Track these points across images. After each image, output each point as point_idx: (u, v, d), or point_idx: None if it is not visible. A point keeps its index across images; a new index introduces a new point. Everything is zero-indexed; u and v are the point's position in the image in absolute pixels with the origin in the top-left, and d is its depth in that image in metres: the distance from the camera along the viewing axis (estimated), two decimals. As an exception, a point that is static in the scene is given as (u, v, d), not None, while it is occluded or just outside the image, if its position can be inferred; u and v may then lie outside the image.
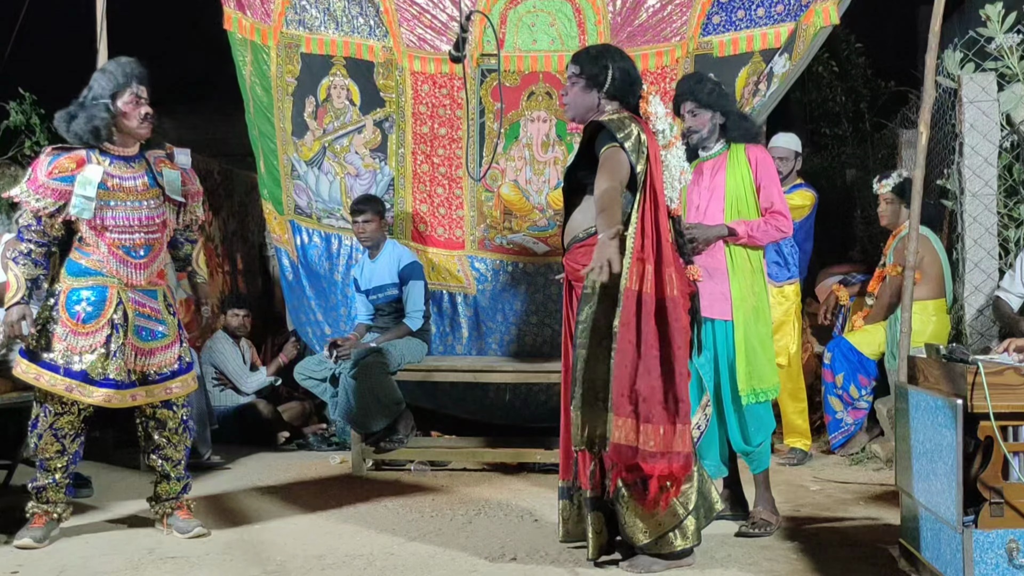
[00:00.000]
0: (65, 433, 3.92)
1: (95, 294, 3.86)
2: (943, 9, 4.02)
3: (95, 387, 3.83)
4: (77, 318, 3.84)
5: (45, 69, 7.72)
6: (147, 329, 3.95)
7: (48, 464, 3.94)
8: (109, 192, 3.84)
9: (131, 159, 3.93)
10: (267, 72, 5.97)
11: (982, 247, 5.01)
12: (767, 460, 4.05)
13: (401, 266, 5.57)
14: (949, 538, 3.06)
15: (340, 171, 5.99)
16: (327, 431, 6.27)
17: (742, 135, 4.11)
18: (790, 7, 5.40)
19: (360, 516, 4.39)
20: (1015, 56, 4.99)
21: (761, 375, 3.97)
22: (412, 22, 5.81)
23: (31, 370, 3.86)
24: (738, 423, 4.00)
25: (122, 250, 3.87)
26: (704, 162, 4.13)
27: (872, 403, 5.52)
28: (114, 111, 3.83)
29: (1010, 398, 2.95)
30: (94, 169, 3.83)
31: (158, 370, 3.97)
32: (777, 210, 4.02)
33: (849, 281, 6.20)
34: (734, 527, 4.01)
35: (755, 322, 3.98)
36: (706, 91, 4.08)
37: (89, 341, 3.83)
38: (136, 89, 3.86)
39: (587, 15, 5.66)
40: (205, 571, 3.63)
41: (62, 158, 3.84)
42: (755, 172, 4.05)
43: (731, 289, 3.96)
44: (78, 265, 3.88)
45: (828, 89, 8.40)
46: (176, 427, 4.06)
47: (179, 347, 4.06)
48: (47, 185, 3.80)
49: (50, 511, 3.97)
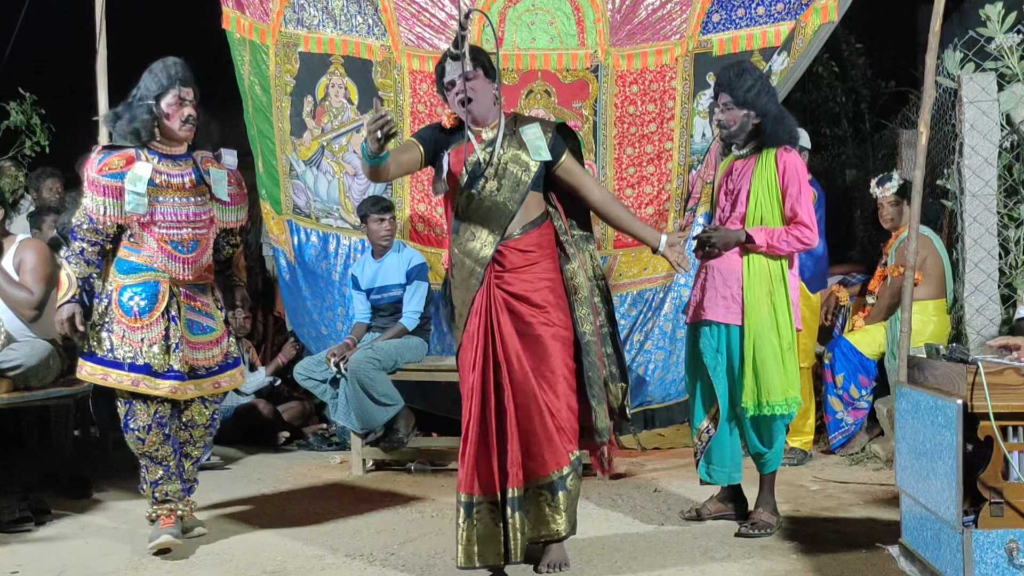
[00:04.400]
0: (165, 421, 3.88)
1: (146, 289, 3.84)
2: (943, 9, 4.01)
3: (161, 379, 3.81)
4: (132, 313, 3.82)
5: (45, 69, 7.71)
6: (197, 323, 3.95)
7: (157, 456, 3.88)
8: (158, 188, 3.82)
9: (178, 158, 3.91)
10: (265, 71, 5.97)
11: (982, 247, 5.00)
12: (778, 462, 4.02)
13: (410, 266, 5.56)
14: (949, 538, 3.06)
15: (338, 171, 5.99)
16: (327, 431, 6.27)
17: (775, 140, 3.93)
18: (790, 5, 5.40)
19: (360, 516, 4.39)
20: (1015, 56, 4.98)
21: (771, 388, 3.86)
22: (411, 21, 5.81)
23: (97, 371, 3.83)
24: (755, 426, 3.96)
25: (170, 245, 3.85)
26: (735, 161, 4.04)
27: (872, 403, 5.52)
28: (157, 113, 3.82)
29: (1010, 398, 2.94)
30: (143, 166, 3.81)
31: (207, 365, 3.98)
32: (801, 220, 3.86)
33: (849, 281, 6.20)
34: (734, 527, 4.01)
35: (770, 332, 3.87)
36: (744, 87, 3.89)
37: (148, 334, 3.81)
38: (179, 91, 3.82)
39: (586, 13, 5.66)
40: (205, 571, 3.63)
41: (112, 156, 3.83)
42: (781, 178, 3.89)
43: (744, 295, 3.88)
44: (128, 262, 3.86)
45: (828, 89, 8.39)
46: (205, 423, 4.06)
47: (227, 341, 4.07)
48: (98, 182, 3.79)
49: (174, 508, 3.91)
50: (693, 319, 4.04)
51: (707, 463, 4.04)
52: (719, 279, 3.93)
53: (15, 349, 4.60)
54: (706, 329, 3.97)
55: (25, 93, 6.52)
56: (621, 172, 5.73)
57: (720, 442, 4.00)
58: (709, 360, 3.95)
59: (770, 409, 3.88)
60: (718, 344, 3.95)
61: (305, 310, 6.17)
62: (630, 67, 5.68)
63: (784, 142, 3.95)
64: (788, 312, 3.91)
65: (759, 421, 3.94)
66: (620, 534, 3.99)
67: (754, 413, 3.89)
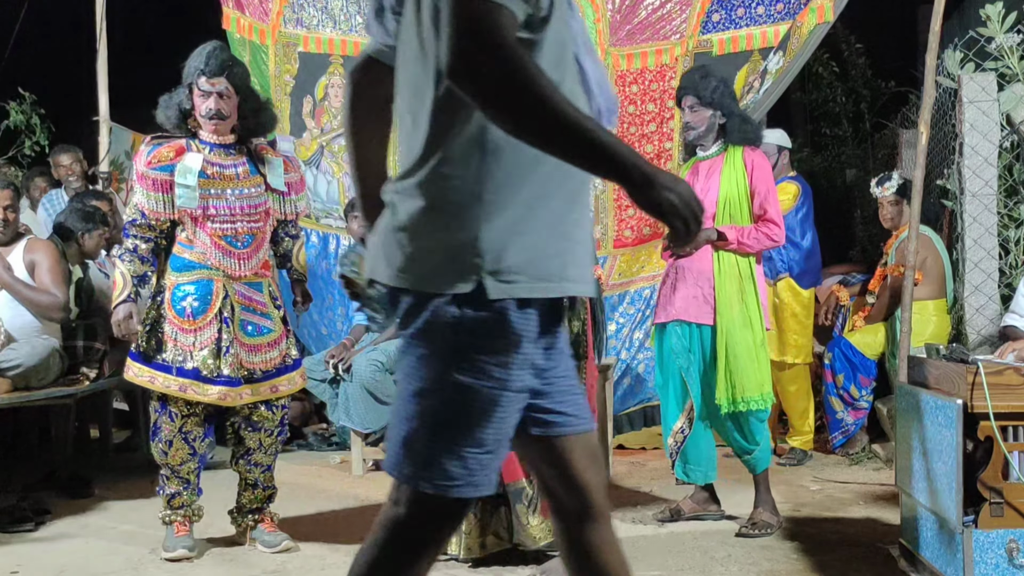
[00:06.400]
0: (195, 436, 3.72)
1: (200, 288, 3.66)
2: (943, 9, 4.01)
3: (210, 385, 3.63)
4: (185, 314, 3.65)
5: (45, 69, 7.72)
6: (253, 324, 3.75)
7: (180, 470, 3.74)
8: (210, 180, 3.64)
9: (229, 147, 3.72)
10: (266, 72, 5.97)
11: (982, 247, 5.00)
12: (768, 460, 4.03)
13: None
14: (949, 538, 3.06)
15: (338, 171, 5.99)
16: (327, 431, 6.26)
17: (742, 138, 4.01)
18: (790, 5, 5.40)
19: (360, 516, 4.39)
20: (1015, 56, 4.98)
21: (746, 384, 3.90)
22: (411, 21, 5.81)
23: (144, 373, 3.68)
24: (736, 426, 3.98)
25: (225, 240, 3.66)
26: (700, 162, 4.08)
27: (872, 403, 5.52)
28: (189, 104, 3.66)
29: (1010, 398, 2.94)
30: (194, 157, 3.64)
31: (264, 368, 3.76)
32: (770, 218, 3.93)
33: (849, 281, 6.19)
34: (734, 527, 4.00)
35: (742, 329, 3.90)
36: (709, 88, 3.97)
37: (199, 337, 3.64)
38: (203, 83, 3.62)
39: (586, 13, 5.66)
40: (205, 571, 3.63)
41: (161, 147, 3.65)
42: (750, 177, 3.95)
43: (716, 294, 3.90)
44: (181, 259, 3.70)
45: (828, 89, 8.39)
46: (272, 429, 3.84)
47: (286, 343, 3.86)
48: (147, 175, 3.62)
49: (188, 515, 3.79)
50: (665, 319, 4.04)
51: (683, 462, 4.07)
52: (690, 278, 3.94)
53: (15, 349, 4.59)
54: (677, 329, 3.99)
55: (25, 93, 6.52)
56: (621, 172, 5.72)
57: (695, 441, 4.03)
58: (682, 361, 3.98)
59: (746, 405, 3.90)
60: (690, 344, 3.97)
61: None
62: (630, 67, 5.68)
63: (750, 141, 4.03)
64: (759, 308, 3.96)
65: (737, 419, 3.95)
66: (620, 534, 3.98)
67: (729, 410, 3.91)
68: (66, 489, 4.74)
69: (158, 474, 3.83)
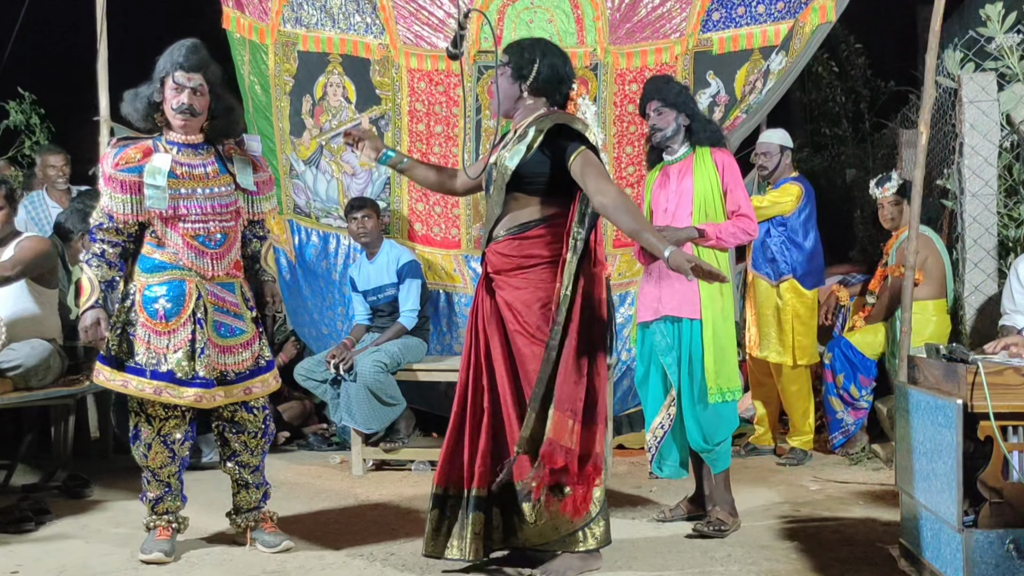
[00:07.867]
0: (175, 439, 3.71)
1: (172, 289, 3.62)
2: (943, 9, 4.02)
3: (185, 387, 3.59)
4: (157, 316, 3.60)
5: (45, 69, 7.72)
6: (226, 325, 3.72)
7: (160, 474, 3.72)
8: (179, 180, 3.61)
9: (197, 146, 3.70)
10: (265, 71, 5.97)
11: (982, 247, 5.00)
12: (727, 460, 4.06)
13: (400, 264, 5.56)
14: (949, 538, 3.06)
15: (337, 170, 5.99)
16: (327, 431, 6.26)
17: (707, 138, 4.13)
18: (791, 4, 5.40)
19: (360, 516, 4.39)
20: (1015, 56, 4.99)
21: (729, 375, 4.00)
22: (409, 19, 5.81)
23: (116, 377, 3.63)
24: (698, 423, 4.00)
25: (197, 240, 3.63)
26: (670, 165, 4.16)
27: (872, 403, 5.52)
28: (159, 97, 3.64)
29: (1010, 398, 2.94)
30: (162, 158, 3.60)
31: (237, 369, 3.73)
32: (743, 213, 4.06)
33: (849, 281, 6.19)
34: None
35: (723, 321, 4.01)
36: (673, 92, 4.11)
37: (173, 339, 3.60)
38: (179, 77, 3.59)
39: (585, 11, 5.66)
40: (205, 571, 3.63)
41: (128, 149, 3.61)
42: (722, 176, 4.07)
43: (700, 289, 3.96)
44: (151, 260, 3.65)
45: (828, 89, 8.40)
46: (256, 431, 3.83)
47: (258, 344, 3.81)
48: (115, 178, 3.58)
49: (171, 521, 3.77)
50: (652, 317, 4.06)
51: (660, 457, 4.12)
52: (674, 275, 3.95)
53: (15, 349, 4.59)
54: (661, 326, 4.03)
55: (25, 93, 6.53)
56: (620, 171, 5.72)
57: (672, 436, 4.08)
58: (666, 357, 4.02)
59: (732, 395, 4.00)
60: (673, 340, 4.01)
61: (305, 310, 6.17)
62: (629, 65, 5.68)
63: (715, 141, 4.15)
64: (732, 303, 4.10)
65: (710, 411, 3.97)
66: (620, 534, 3.99)
67: (717, 399, 3.96)
68: (66, 489, 4.74)
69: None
